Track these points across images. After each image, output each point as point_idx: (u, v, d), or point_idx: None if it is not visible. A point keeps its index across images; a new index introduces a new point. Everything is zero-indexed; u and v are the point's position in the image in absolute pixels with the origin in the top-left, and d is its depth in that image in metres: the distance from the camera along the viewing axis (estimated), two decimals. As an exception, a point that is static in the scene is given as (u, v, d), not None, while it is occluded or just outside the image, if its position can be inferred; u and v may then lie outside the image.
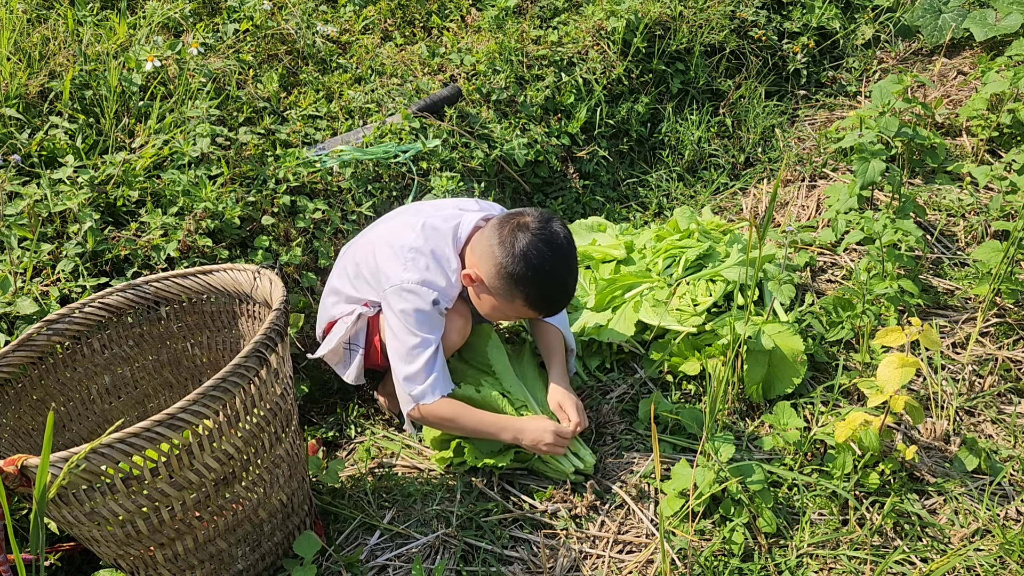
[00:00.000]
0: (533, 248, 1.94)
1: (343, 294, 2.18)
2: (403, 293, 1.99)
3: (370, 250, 2.13)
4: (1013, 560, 1.79)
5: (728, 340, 2.17)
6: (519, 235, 1.95)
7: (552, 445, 2.01)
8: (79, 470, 1.44)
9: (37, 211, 2.17)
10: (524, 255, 1.94)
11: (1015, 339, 2.46)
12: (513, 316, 2.08)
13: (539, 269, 1.94)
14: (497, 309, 2.06)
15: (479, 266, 2.02)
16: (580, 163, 3.41)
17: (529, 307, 2.01)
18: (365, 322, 2.16)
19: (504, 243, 1.96)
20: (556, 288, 2.00)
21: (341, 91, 3.09)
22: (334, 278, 2.24)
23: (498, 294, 2.01)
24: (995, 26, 3.88)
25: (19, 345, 1.78)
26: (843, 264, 2.80)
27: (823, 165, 3.36)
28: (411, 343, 1.99)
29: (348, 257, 2.22)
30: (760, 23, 4.02)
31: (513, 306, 2.02)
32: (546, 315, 2.08)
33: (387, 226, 2.20)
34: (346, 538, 2.00)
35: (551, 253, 1.95)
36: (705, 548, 1.84)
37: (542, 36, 3.52)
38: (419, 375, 1.99)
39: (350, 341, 2.17)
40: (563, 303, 2.06)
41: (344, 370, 2.21)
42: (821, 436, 2.04)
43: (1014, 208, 2.83)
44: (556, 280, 1.98)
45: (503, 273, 1.96)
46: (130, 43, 2.91)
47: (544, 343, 2.26)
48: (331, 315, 2.22)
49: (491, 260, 1.98)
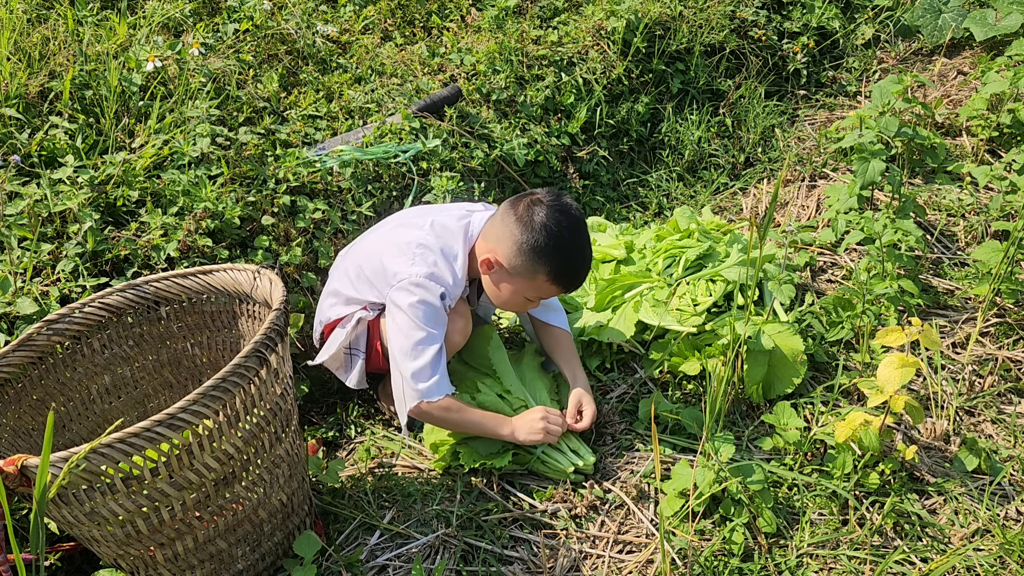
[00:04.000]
0: (551, 218, 1.97)
1: (342, 295, 2.18)
2: (411, 287, 1.99)
3: (374, 251, 2.13)
4: (1013, 560, 1.79)
5: (728, 340, 2.17)
6: (535, 209, 1.98)
7: (545, 431, 2.02)
8: (79, 470, 1.44)
9: (37, 211, 2.17)
10: (544, 226, 1.96)
11: (1015, 339, 2.46)
12: (533, 298, 2.07)
13: (559, 237, 1.96)
14: (516, 292, 2.05)
15: (496, 249, 2.03)
16: (580, 163, 3.41)
17: (552, 281, 2.01)
18: (365, 326, 2.15)
19: (521, 218, 1.98)
20: (576, 257, 2.02)
21: (341, 91, 3.09)
22: (333, 281, 2.24)
23: (519, 273, 2.01)
24: (995, 26, 3.88)
25: (19, 345, 1.78)
26: (843, 264, 2.80)
27: (823, 165, 3.36)
28: (418, 337, 1.98)
29: (348, 260, 2.21)
30: (760, 23, 4.02)
31: (534, 283, 2.02)
32: (567, 289, 2.07)
33: (390, 228, 2.20)
34: (346, 538, 2.00)
35: (568, 222, 1.98)
36: (705, 548, 1.84)
37: (542, 36, 3.52)
38: (425, 370, 1.98)
39: (351, 346, 2.16)
40: (583, 274, 2.06)
41: (346, 375, 2.20)
42: (821, 436, 2.04)
43: (1014, 208, 2.83)
44: (576, 248, 2.01)
45: (524, 248, 1.97)
46: (130, 43, 2.91)
47: (559, 350, 2.27)
48: (328, 317, 2.22)
49: (509, 239, 1.99)
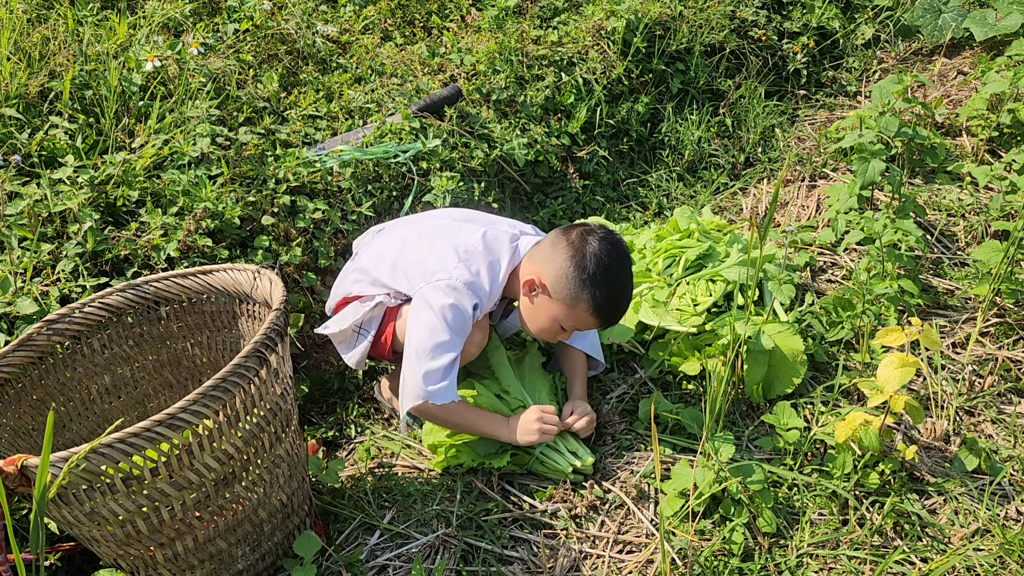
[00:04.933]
0: (602, 249, 1.98)
1: (371, 275, 2.15)
2: (448, 289, 1.98)
3: (418, 243, 2.13)
4: (1013, 560, 1.79)
5: (728, 340, 2.17)
6: (589, 238, 1.99)
7: (540, 431, 2.03)
8: (79, 470, 1.44)
9: (37, 211, 2.17)
10: (596, 255, 1.97)
11: (1015, 339, 2.46)
12: (568, 327, 2.06)
13: (607, 268, 1.97)
14: (554, 319, 2.04)
15: (542, 272, 2.02)
16: (580, 163, 3.40)
17: (592, 312, 2.00)
18: (382, 311, 2.14)
19: (573, 244, 1.99)
20: (619, 291, 2.01)
21: (341, 91, 3.09)
22: (364, 258, 2.20)
23: (562, 299, 2.00)
24: (995, 26, 3.88)
25: (19, 345, 1.78)
26: (843, 264, 2.80)
27: (823, 165, 3.36)
28: (440, 340, 1.97)
29: (384, 242, 2.20)
30: (760, 23, 4.02)
31: (574, 312, 2.01)
32: (604, 324, 2.06)
33: (438, 224, 2.20)
34: (346, 538, 2.00)
35: (617, 255, 2.00)
36: (705, 548, 1.84)
37: (542, 36, 3.51)
38: (437, 373, 1.97)
39: (361, 325, 2.14)
40: (623, 309, 2.06)
41: (347, 351, 2.18)
42: (821, 436, 2.04)
43: (1014, 208, 2.83)
44: (620, 282, 2.01)
45: (571, 274, 1.97)
46: (130, 43, 2.91)
47: (569, 366, 2.28)
48: (349, 291, 2.19)
49: (557, 262, 1.99)
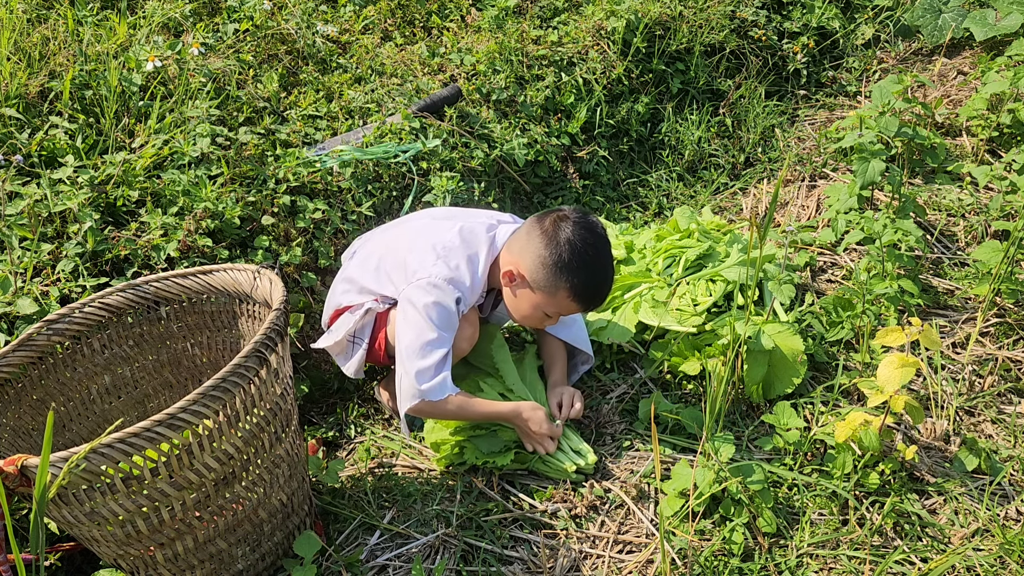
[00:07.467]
0: (576, 235, 1.97)
1: (357, 284, 2.17)
2: (429, 287, 1.99)
3: (397, 245, 2.13)
4: (1013, 560, 1.79)
5: (728, 340, 2.17)
6: (561, 224, 1.99)
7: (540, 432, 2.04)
8: (79, 470, 1.44)
9: (37, 211, 2.17)
10: (569, 242, 1.97)
11: (1015, 339, 2.46)
12: (552, 314, 2.07)
13: (583, 254, 1.97)
14: (536, 307, 2.06)
15: (520, 262, 2.03)
16: (580, 163, 3.40)
17: (573, 298, 2.01)
18: (373, 317, 2.15)
19: (547, 232, 1.99)
20: (598, 274, 2.02)
21: (341, 91, 3.09)
22: (349, 268, 2.23)
23: (541, 287, 2.01)
24: (995, 26, 3.88)
25: (19, 345, 1.78)
26: (843, 264, 2.80)
27: (823, 165, 3.36)
28: (428, 338, 1.98)
29: (368, 249, 2.21)
30: (760, 23, 4.02)
31: (555, 299, 2.02)
32: (586, 308, 2.07)
33: (417, 224, 2.21)
34: (346, 538, 2.00)
35: (592, 239, 1.99)
36: (705, 548, 1.84)
37: (542, 36, 3.51)
38: (429, 371, 1.98)
39: (355, 335, 2.16)
40: (604, 292, 2.06)
41: (344, 362, 2.20)
42: (821, 436, 2.04)
43: (1014, 208, 2.83)
44: (598, 266, 2.01)
45: (548, 262, 1.98)
46: (130, 43, 2.91)
47: (547, 352, 2.29)
48: (339, 303, 2.21)
49: (534, 252, 2.00)
